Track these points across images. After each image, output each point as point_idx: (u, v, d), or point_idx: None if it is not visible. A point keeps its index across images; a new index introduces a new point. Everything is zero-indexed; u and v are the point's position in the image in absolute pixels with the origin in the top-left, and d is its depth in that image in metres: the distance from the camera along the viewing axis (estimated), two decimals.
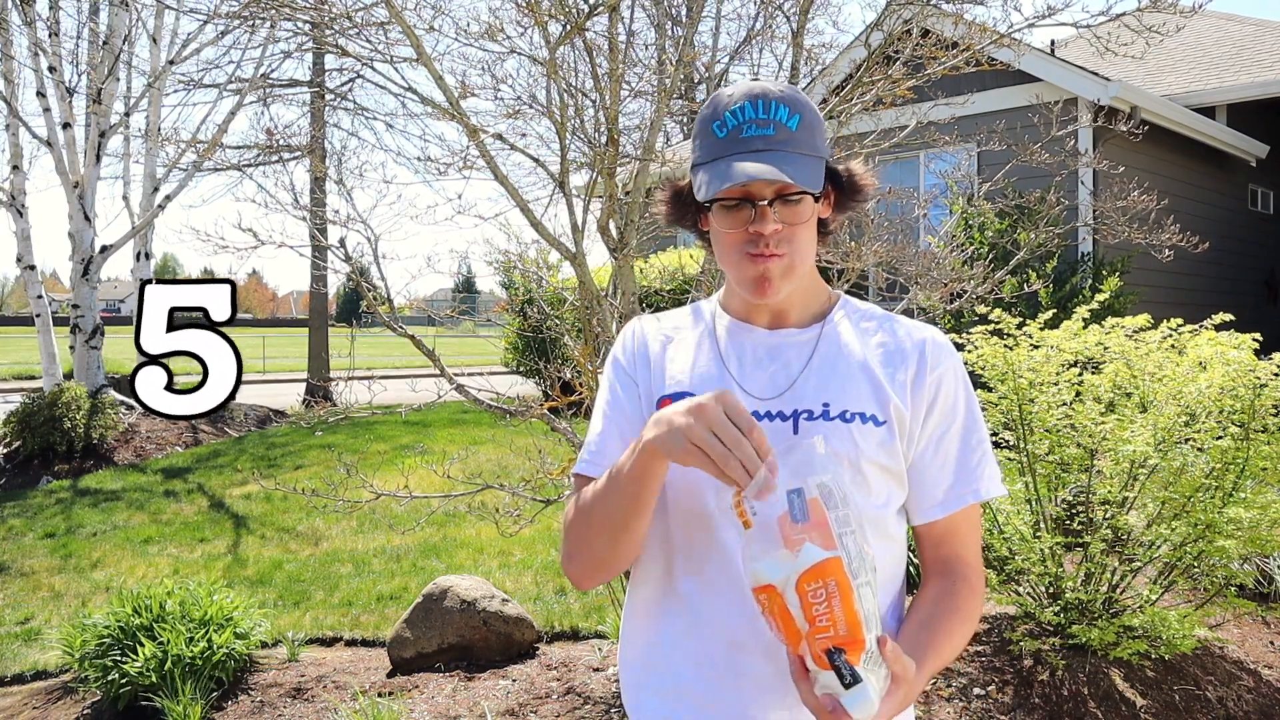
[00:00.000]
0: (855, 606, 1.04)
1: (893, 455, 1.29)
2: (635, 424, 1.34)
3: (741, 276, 1.29)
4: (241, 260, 20.96)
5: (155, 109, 12.11)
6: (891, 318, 1.39)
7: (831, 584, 1.04)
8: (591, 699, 3.65)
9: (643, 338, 1.41)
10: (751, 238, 1.26)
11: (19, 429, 9.63)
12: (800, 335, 1.35)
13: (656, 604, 1.34)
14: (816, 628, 1.04)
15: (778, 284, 1.28)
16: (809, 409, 1.28)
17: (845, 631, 1.04)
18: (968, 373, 1.38)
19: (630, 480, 1.20)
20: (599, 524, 1.27)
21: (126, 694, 3.66)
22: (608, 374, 1.42)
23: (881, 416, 1.28)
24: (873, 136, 4.40)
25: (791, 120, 1.26)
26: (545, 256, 4.72)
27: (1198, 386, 3.36)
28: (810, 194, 1.26)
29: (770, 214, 1.24)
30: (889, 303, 9.75)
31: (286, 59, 11.78)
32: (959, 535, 1.34)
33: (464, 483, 4.52)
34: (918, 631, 1.25)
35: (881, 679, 1.06)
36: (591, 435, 1.39)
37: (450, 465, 4.52)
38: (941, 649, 1.25)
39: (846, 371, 1.31)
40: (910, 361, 1.32)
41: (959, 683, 3.50)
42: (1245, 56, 12.53)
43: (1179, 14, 4.61)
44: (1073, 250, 9.13)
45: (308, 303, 17.82)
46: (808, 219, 1.28)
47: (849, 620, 1.04)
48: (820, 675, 1.05)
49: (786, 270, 1.28)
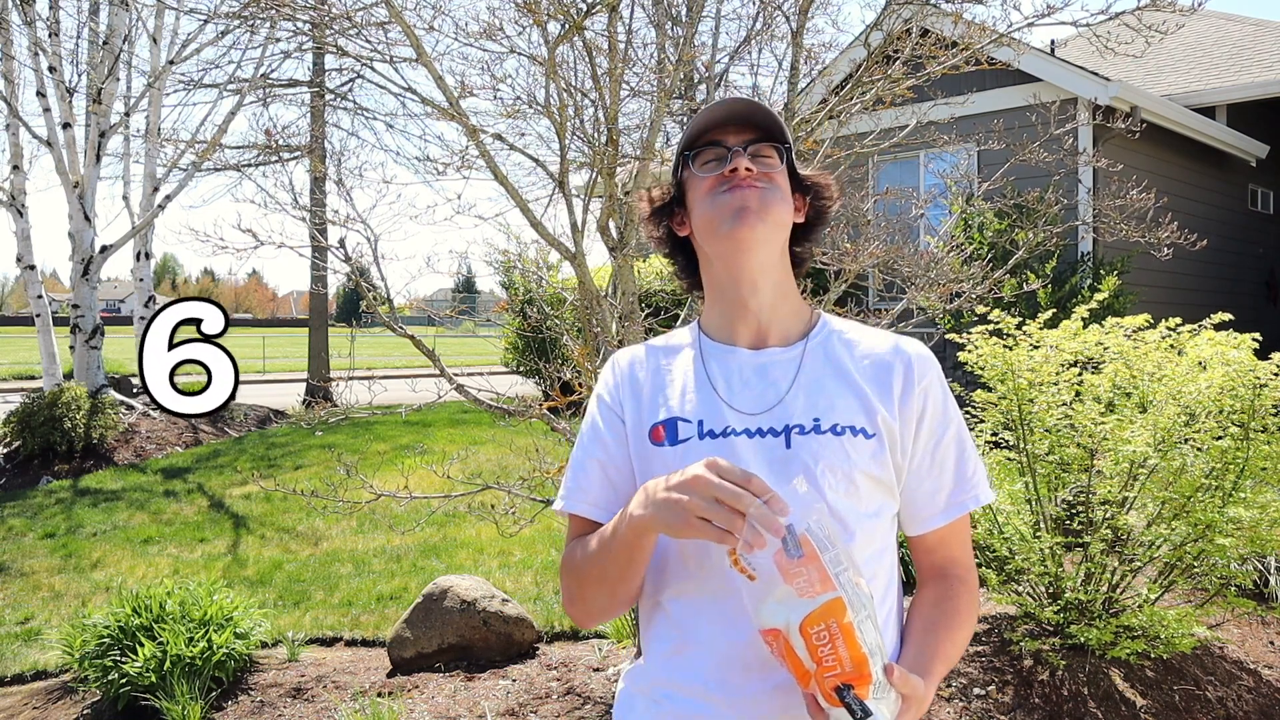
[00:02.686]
0: (859, 643, 1.07)
1: (883, 467, 1.30)
2: (616, 457, 1.35)
3: (719, 212, 1.32)
4: (241, 260, 20.90)
5: (155, 109, 12.12)
6: (873, 330, 1.42)
7: (834, 625, 1.06)
8: (591, 699, 3.65)
9: (628, 369, 1.42)
10: (725, 180, 1.33)
11: (19, 429, 9.63)
12: (784, 354, 1.36)
13: (647, 623, 1.36)
14: (824, 667, 1.07)
15: (756, 212, 1.31)
16: (800, 424, 1.29)
17: (851, 668, 1.06)
18: (967, 373, 1.40)
19: (623, 548, 1.22)
20: (595, 583, 1.29)
21: (126, 694, 3.66)
22: (591, 408, 1.43)
23: (871, 430, 1.29)
24: (872, 136, 4.40)
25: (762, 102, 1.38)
26: (545, 256, 4.73)
27: (1197, 386, 3.36)
28: (779, 148, 1.35)
29: (743, 155, 1.32)
30: (888, 303, 9.76)
31: (286, 59, 11.79)
32: (955, 539, 1.37)
33: (464, 483, 4.52)
34: (922, 637, 1.27)
35: (892, 703, 1.09)
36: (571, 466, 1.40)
37: (450, 465, 4.53)
38: (947, 653, 1.27)
39: (834, 387, 1.32)
40: (896, 376, 1.33)
41: (959, 683, 3.50)
42: (1245, 56, 12.53)
43: (1178, 13, 4.61)
44: (1072, 250, 9.13)
45: (308, 303, 17.82)
46: (778, 169, 1.35)
47: (854, 658, 1.06)
48: (832, 712, 1.07)
49: (764, 201, 1.31)
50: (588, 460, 1.37)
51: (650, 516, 1.14)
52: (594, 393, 1.44)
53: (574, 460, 1.40)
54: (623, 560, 1.23)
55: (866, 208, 4.98)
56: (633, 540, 1.20)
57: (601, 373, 1.46)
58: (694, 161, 1.36)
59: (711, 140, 1.35)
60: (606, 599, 1.30)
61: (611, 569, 1.25)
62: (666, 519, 1.12)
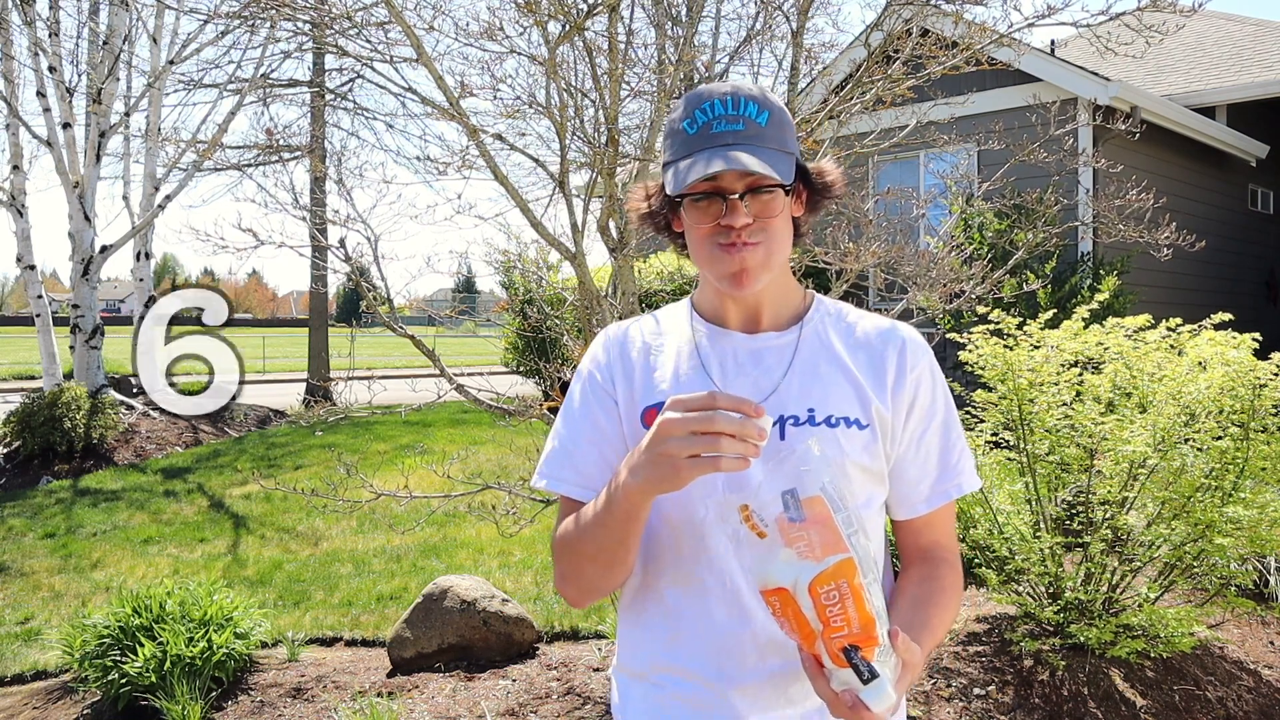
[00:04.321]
0: (867, 605, 1.07)
1: (875, 457, 1.30)
2: (611, 435, 1.33)
3: (718, 271, 1.28)
4: (241, 260, 20.97)
5: (155, 109, 12.12)
6: (866, 315, 1.40)
7: (844, 585, 1.06)
8: (591, 699, 3.65)
9: (620, 347, 1.38)
10: (723, 230, 1.25)
11: (19, 429, 9.63)
12: (779, 339, 1.34)
13: (644, 612, 1.34)
14: (831, 628, 1.07)
15: (755, 274, 1.27)
16: (794, 414, 1.28)
17: (859, 630, 1.06)
18: (967, 373, 1.40)
19: (620, 520, 1.20)
20: (590, 559, 1.26)
21: (126, 694, 3.66)
22: (577, 384, 1.39)
23: (864, 420, 1.29)
24: (872, 136, 4.40)
25: (761, 116, 1.27)
26: (545, 256, 4.72)
27: (1197, 387, 3.36)
28: (781, 186, 1.25)
29: (741, 207, 1.24)
30: (889, 303, 9.75)
31: (286, 59, 11.79)
32: (939, 525, 1.38)
33: (464, 483, 4.51)
34: (911, 610, 1.27)
35: (893, 668, 1.09)
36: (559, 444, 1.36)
37: (450, 465, 4.52)
38: (935, 626, 1.27)
39: (829, 375, 1.31)
40: (890, 363, 1.33)
41: (959, 683, 3.50)
42: (1245, 56, 12.53)
43: (1179, 13, 4.61)
44: (1072, 250, 9.13)
45: (308, 303, 17.82)
46: (779, 212, 1.27)
47: (863, 619, 1.06)
48: (837, 672, 1.07)
49: (763, 261, 1.27)
50: (578, 438, 1.34)
51: (643, 481, 1.13)
52: (583, 369, 1.40)
53: (561, 437, 1.36)
54: (619, 533, 1.21)
55: (867, 208, 4.98)
56: (629, 510, 1.18)
57: (592, 347, 1.42)
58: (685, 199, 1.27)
59: None
60: (602, 574, 1.27)
61: (608, 543, 1.22)
62: (659, 476, 1.11)
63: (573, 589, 1.32)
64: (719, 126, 1.25)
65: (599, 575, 1.28)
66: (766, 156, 1.23)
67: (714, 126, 1.26)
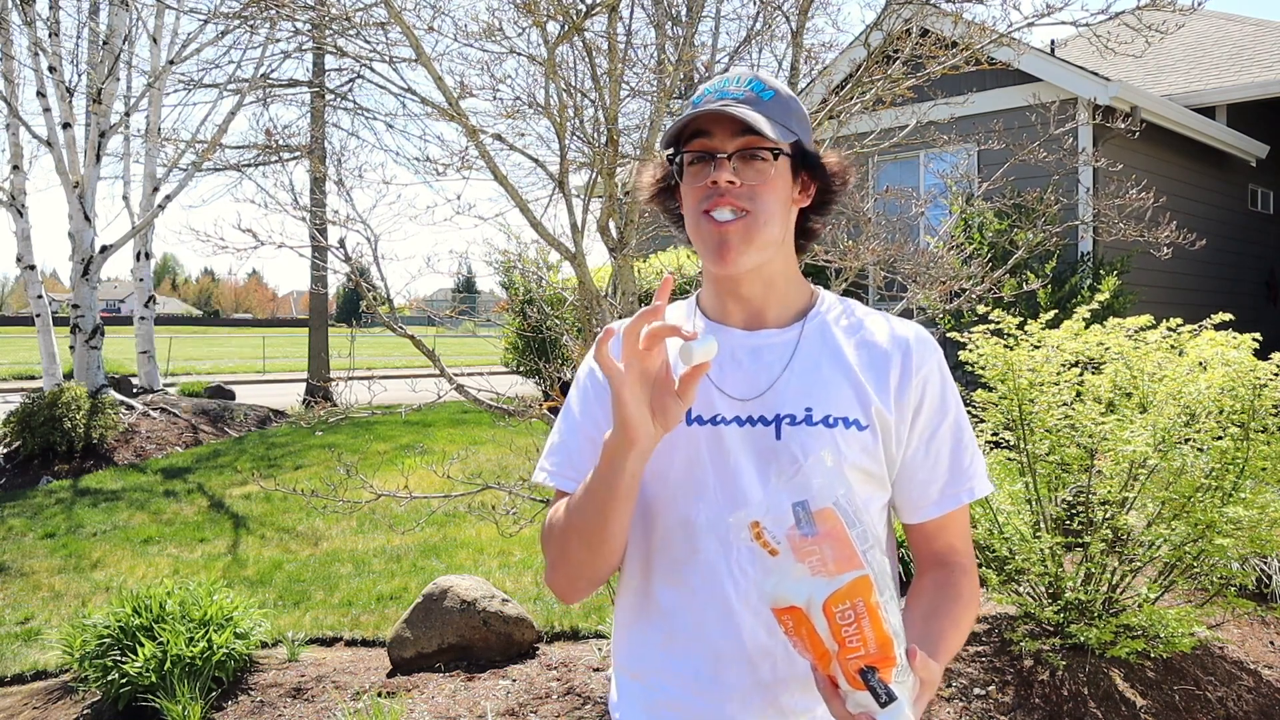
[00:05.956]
0: (884, 624, 1.03)
1: (875, 459, 1.27)
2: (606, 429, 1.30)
3: (703, 242, 1.26)
4: (241, 260, 20.94)
5: (155, 109, 12.12)
6: (873, 314, 1.37)
7: (860, 604, 1.02)
8: (591, 699, 3.65)
9: None
10: (710, 195, 1.23)
11: (19, 429, 9.63)
12: (779, 336, 1.31)
13: (637, 615, 1.33)
14: (847, 648, 1.02)
15: (738, 249, 1.23)
16: (791, 413, 1.25)
17: (877, 650, 1.02)
18: (967, 372, 1.38)
19: (602, 484, 1.18)
20: (575, 530, 1.24)
21: (126, 694, 3.66)
22: (582, 380, 1.38)
23: (864, 421, 1.26)
24: (872, 136, 4.40)
25: (765, 93, 1.27)
26: (545, 256, 4.72)
27: (1197, 387, 3.36)
28: (771, 150, 1.24)
29: (727, 164, 1.22)
30: (888, 302, 9.75)
31: (286, 59, 11.77)
32: (952, 529, 1.33)
33: (464, 483, 4.51)
34: (925, 622, 1.23)
35: (911, 687, 1.05)
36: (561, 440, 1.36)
37: (450, 465, 4.52)
38: (951, 638, 1.23)
39: (829, 374, 1.28)
40: (894, 363, 1.29)
41: (959, 683, 3.50)
42: (1245, 56, 12.53)
43: (1178, 13, 4.61)
44: (1072, 250, 9.13)
45: (308, 303, 17.82)
46: (770, 181, 1.25)
47: (880, 639, 1.02)
48: (853, 694, 1.03)
49: (747, 232, 1.23)
50: (578, 435, 1.34)
51: (615, 431, 1.15)
52: (583, 368, 1.40)
53: (561, 434, 1.35)
54: (602, 498, 1.18)
55: (867, 207, 4.98)
56: (609, 471, 1.17)
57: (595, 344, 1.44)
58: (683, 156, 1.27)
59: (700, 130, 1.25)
60: (587, 554, 1.24)
61: (592, 514, 1.20)
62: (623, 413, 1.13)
63: (561, 577, 1.29)
64: (721, 95, 1.26)
65: (584, 555, 1.24)
66: (758, 120, 1.22)
67: (717, 96, 1.27)
